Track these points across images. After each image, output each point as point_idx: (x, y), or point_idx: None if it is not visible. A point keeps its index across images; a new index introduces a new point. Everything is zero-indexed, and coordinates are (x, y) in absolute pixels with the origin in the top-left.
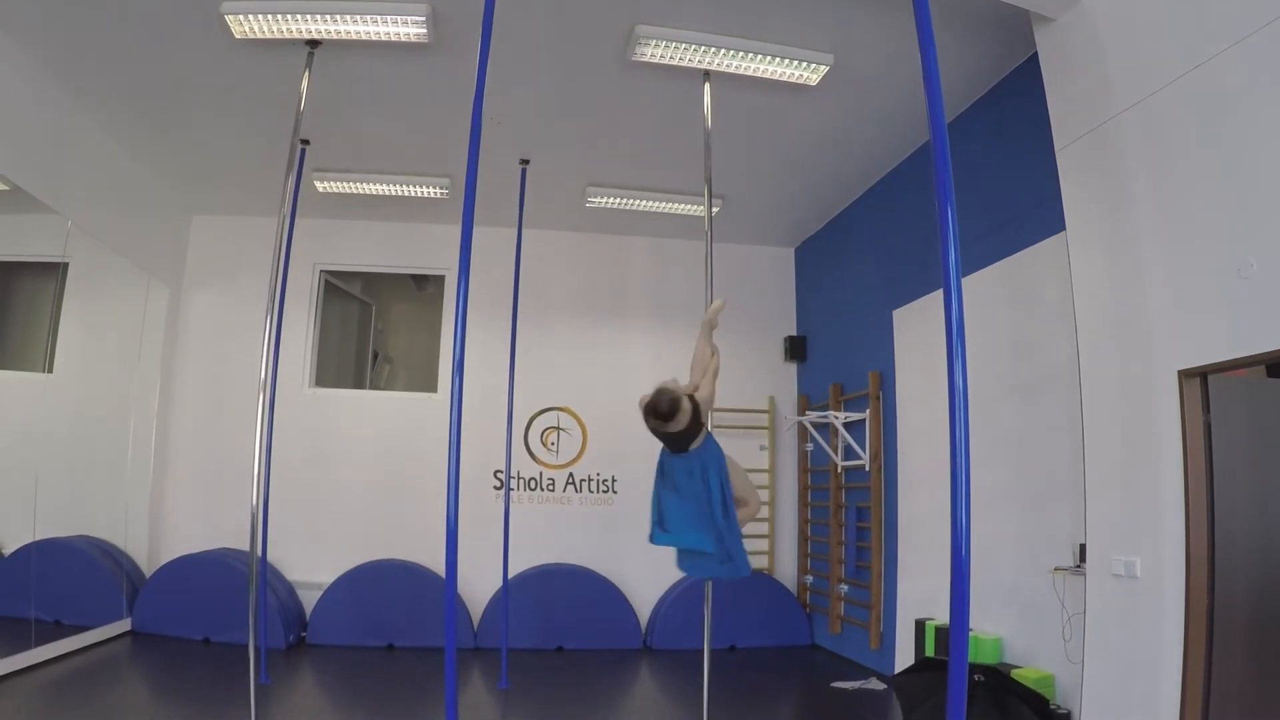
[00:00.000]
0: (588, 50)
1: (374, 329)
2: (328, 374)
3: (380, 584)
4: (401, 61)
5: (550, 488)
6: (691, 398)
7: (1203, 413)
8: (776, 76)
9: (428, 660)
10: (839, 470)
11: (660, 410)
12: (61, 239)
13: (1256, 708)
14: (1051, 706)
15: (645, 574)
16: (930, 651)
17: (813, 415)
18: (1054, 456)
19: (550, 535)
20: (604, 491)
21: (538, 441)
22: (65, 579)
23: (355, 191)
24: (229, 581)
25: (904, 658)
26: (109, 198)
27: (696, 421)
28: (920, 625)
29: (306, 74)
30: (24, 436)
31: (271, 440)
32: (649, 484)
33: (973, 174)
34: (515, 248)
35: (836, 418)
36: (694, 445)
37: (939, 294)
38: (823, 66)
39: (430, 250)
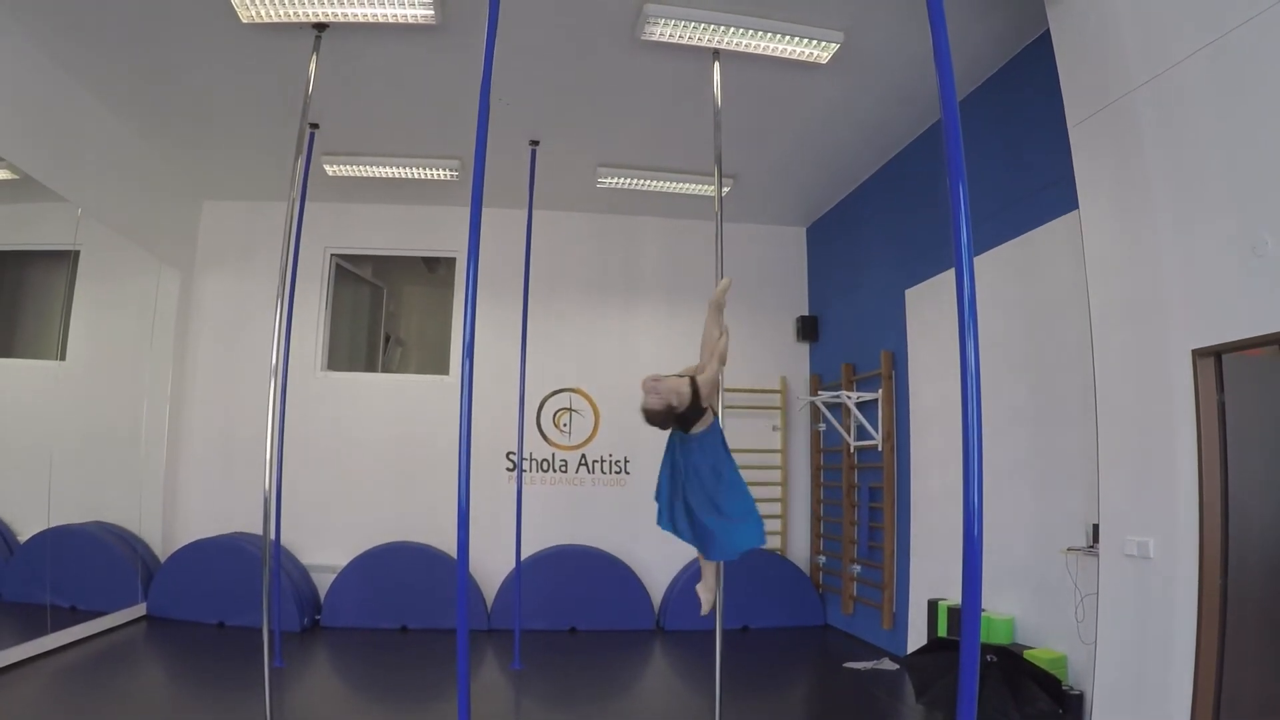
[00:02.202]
0: (597, 29)
1: (385, 312)
2: (339, 357)
3: (394, 566)
4: (409, 43)
5: (563, 469)
6: (694, 380)
7: (1217, 392)
8: (787, 55)
9: (441, 641)
10: (851, 450)
11: (650, 419)
12: (72, 226)
13: (1270, 689)
14: (1064, 687)
15: (658, 555)
16: (943, 632)
17: (825, 395)
18: (1067, 436)
19: (563, 516)
20: (616, 472)
21: (550, 423)
22: (80, 565)
23: (365, 175)
24: (243, 565)
25: (916, 638)
26: (119, 184)
27: (697, 404)
28: (933, 605)
29: (314, 57)
30: (38, 424)
31: (284, 424)
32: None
33: (985, 152)
34: (526, 229)
35: (849, 397)
36: (698, 429)
37: (952, 273)
38: (833, 45)
39: (440, 232)
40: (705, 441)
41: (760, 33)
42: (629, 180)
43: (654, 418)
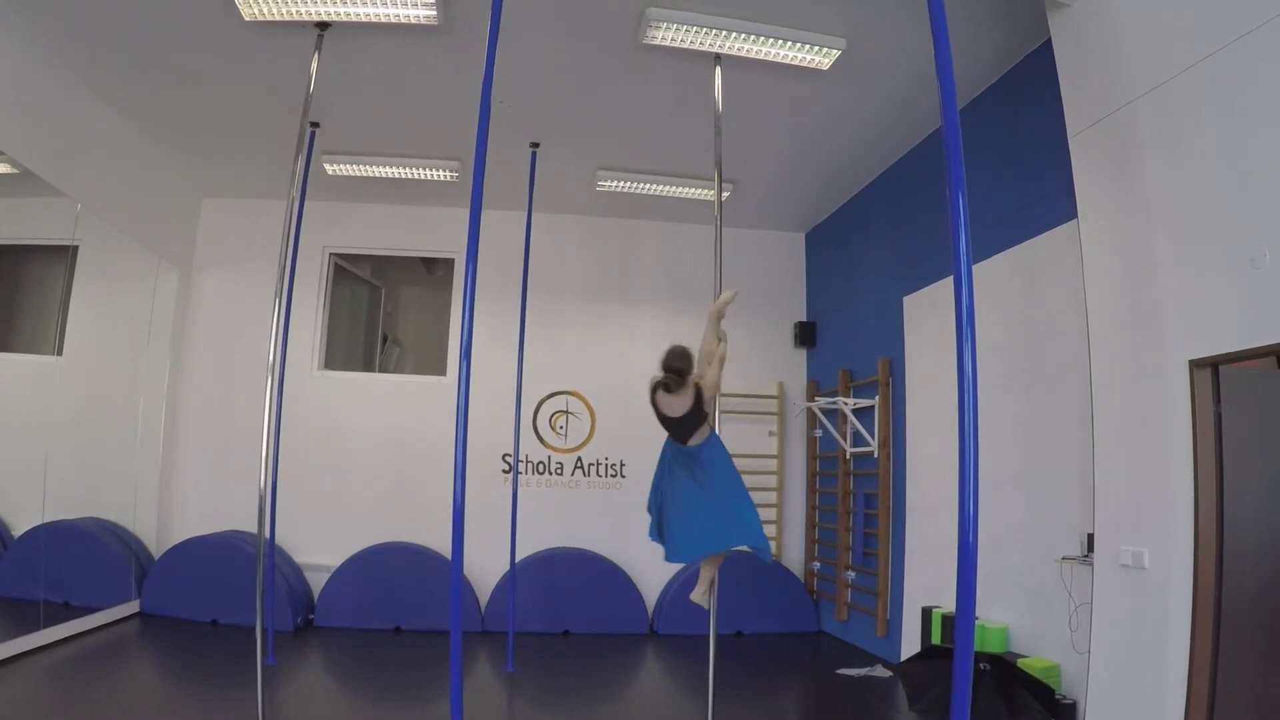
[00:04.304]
0: (598, 32)
1: (383, 312)
2: (337, 357)
3: (388, 567)
4: (411, 44)
5: (558, 471)
6: (697, 384)
7: (1213, 403)
8: (788, 61)
9: (434, 643)
10: (848, 457)
11: (672, 362)
12: (71, 222)
13: (1262, 700)
14: (1057, 696)
15: (652, 559)
16: (936, 639)
17: (822, 401)
18: (1063, 445)
19: (557, 519)
20: (612, 475)
21: (546, 425)
22: (74, 561)
23: (365, 174)
24: (237, 563)
25: (910, 645)
26: (119, 180)
27: (700, 409)
28: (927, 613)
29: (316, 56)
30: (34, 419)
31: (280, 422)
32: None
33: (985, 160)
34: (525, 231)
35: (846, 404)
36: (695, 440)
37: (950, 281)
38: (835, 51)
39: (439, 233)
40: (707, 451)
41: (762, 38)
42: (629, 184)
43: (672, 370)
